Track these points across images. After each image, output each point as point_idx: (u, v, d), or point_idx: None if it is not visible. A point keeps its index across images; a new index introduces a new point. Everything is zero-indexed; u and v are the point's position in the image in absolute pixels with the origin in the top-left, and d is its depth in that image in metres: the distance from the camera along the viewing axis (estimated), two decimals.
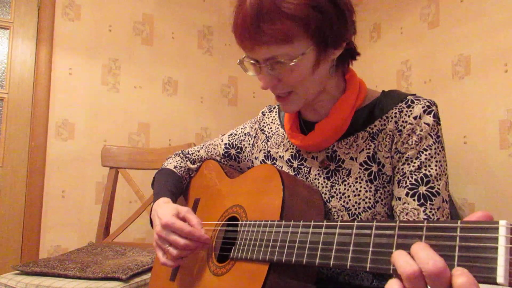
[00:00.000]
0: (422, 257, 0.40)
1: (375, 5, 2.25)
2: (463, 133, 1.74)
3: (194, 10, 2.41)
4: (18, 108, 2.02)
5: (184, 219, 0.80)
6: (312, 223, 0.59)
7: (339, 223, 0.55)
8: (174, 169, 1.06)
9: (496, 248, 0.37)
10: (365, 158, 0.76)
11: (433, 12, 1.92)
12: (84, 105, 2.12)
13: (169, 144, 2.28)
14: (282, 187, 0.70)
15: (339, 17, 0.71)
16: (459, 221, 0.41)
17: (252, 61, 0.74)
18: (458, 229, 0.41)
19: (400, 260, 0.42)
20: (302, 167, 0.84)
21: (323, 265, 0.55)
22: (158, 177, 1.05)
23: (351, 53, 0.81)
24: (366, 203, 0.75)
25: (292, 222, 0.63)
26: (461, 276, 0.37)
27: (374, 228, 0.50)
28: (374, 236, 0.49)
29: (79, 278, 1.21)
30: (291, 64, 0.69)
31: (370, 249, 0.49)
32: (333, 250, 0.54)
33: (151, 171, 1.75)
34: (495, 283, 0.37)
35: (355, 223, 0.52)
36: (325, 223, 0.57)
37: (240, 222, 0.77)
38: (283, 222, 0.65)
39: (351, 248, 0.51)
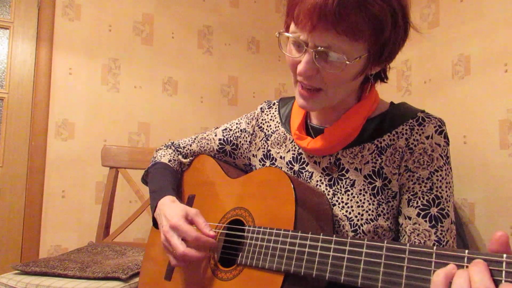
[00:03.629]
0: (477, 280, 0.41)
1: None
2: (463, 133, 1.74)
3: (194, 10, 2.41)
4: (18, 108, 2.02)
5: (192, 222, 0.79)
6: (334, 238, 0.59)
7: (366, 242, 0.55)
8: (169, 163, 1.02)
9: None
10: (369, 171, 0.76)
11: (433, 12, 1.92)
12: (84, 105, 2.12)
13: None
14: (294, 194, 0.68)
15: (403, 37, 0.69)
16: (504, 255, 0.42)
17: (302, 41, 0.67)
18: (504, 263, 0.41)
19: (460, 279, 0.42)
20: (303, 171, 0.82)
21: (349, 282, 0.55)
22: (153, 171, 1.01)
23: (382, 76, 0.80)
24: (369, 215, 0.74)
25: (310, 235, 0.62)
26: None
27: (407, 252, 0.50)
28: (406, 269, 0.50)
29: (79, 278, 1.21)
30: (346, 63, 0.65)
31: (403, 280, 0.50)
32: (361, 270, 0.54)
33: None
34: None
35: (385, 244, 0.53)
36: (349, 240, 0.57)
37: (246, 228, 0.75)
38: (299, 234, 0.63)
39: (381, 269, 0.52)
